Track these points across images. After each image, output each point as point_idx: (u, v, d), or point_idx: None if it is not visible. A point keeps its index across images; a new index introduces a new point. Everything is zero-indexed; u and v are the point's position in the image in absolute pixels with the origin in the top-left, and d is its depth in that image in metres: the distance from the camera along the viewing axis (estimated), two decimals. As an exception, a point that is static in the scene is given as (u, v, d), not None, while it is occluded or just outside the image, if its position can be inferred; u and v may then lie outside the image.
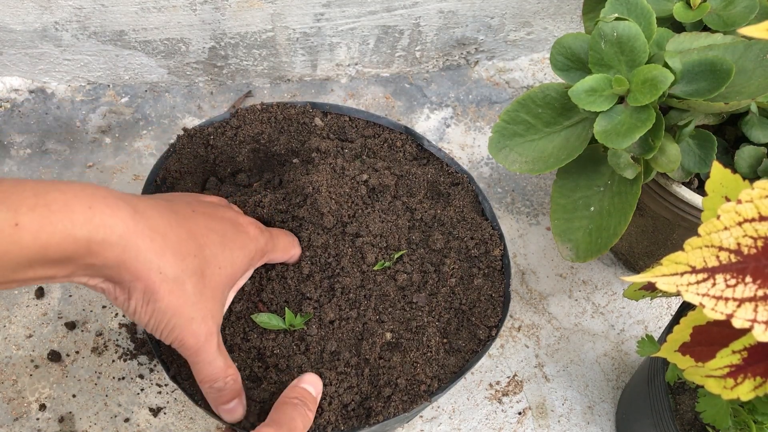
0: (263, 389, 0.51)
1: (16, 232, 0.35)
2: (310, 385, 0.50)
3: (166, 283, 0.42)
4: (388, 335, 0.54)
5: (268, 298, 0.54)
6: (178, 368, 0.51)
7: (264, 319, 0.53)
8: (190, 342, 0.44)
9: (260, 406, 0.50)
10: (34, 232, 0.36)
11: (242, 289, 0.54)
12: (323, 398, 0.51)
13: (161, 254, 0.41)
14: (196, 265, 0.44)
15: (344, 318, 0.54)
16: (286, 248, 0.54)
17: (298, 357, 0.52)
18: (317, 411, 0.50)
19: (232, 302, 0.54)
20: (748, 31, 0.29)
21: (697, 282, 0.30)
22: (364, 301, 0.55)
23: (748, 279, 0.29)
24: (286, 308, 0.53)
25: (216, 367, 0.46)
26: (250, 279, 0.54)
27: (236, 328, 0.53)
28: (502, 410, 0.69)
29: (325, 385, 0.51)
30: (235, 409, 0.48)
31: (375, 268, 0.56)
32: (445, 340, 0.55)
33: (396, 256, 0.57)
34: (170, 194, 0.51)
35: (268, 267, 0.55)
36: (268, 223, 0.57)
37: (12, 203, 0.35)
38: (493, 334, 0.55)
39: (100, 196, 0.39)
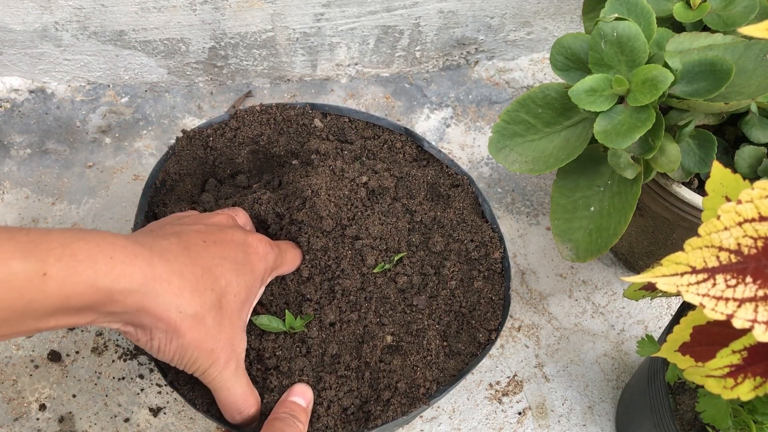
0: (265, 402, 0.51)
1: (43, 282, 0.36)
2: (299, 396, 0.50)
3: (187, 320, 0.44)
4: (389, 338, 0.54)
5: (267, 300, 0.54)
6: (176, 374, 0.51)
7: (264, 321, 0.53)
8: (211, 371, 0.46)
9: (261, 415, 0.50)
10: (60, 281, 0.37)
11: None
12: (322, 402, 0.51)
13: (179, 295, 0.43)
14: (213, 299, 0.46)
15: (345, 321, 0.54)
16: (294, 261, 0.54)
17: (300, 360, 0.52)
18: (315, 416, 0.50)
19: None
20: (748, 30, 0.29)
21: (698, 282, 0.30)
22: (364, 303, 0.55)
23: (749, 279, 0.29)
24: (286, 311, 0.53)
25: (236, 394, 0.48)
26: None
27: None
28: (502, 410, 0.69)
29: (324, 389, 0.51)
30: (251, 427, 0.51)
31: (375, 270, 0.56)
32: (445, 343, 0.55)
33: (396, 258, 0.57)
34: (179, 220, 0.51)
35: None
36: (266, 223, 0.57)
37: (40, 253, 0.36)
38: (493, 338, 0.55)
39: (120, 246, 0.40)
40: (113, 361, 0.67)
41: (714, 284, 0.30)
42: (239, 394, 0.48)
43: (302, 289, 0.54)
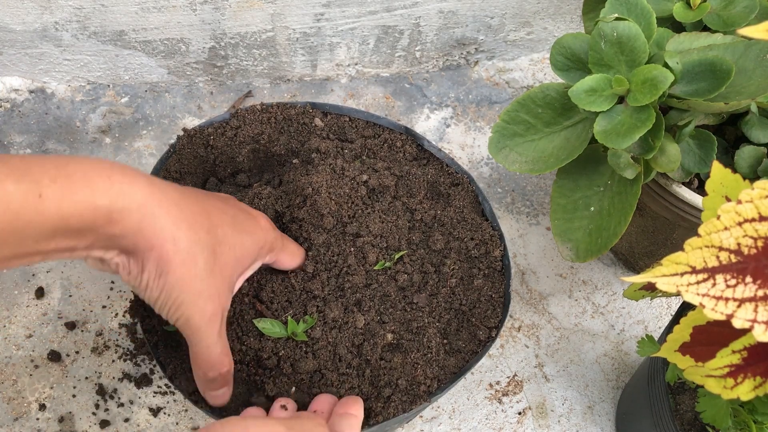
0: (265, 396, 0.51)
1: (40, 203, 0.36)
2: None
3: (179, 254, 0.42)
4: (390, 336, 0.54)
5: (268, 297, 0.54)
6: (175, 369, 0.51)
7: (266, 325, 0.52)
8: (195, 319, 0.45)
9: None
10: (57, 201, 0.37)
11: (239, 289, 0.54)
12: None
13: (177, 224, 0.42)
14: (208, 242, 0.44)
15: (347, 319, 0.54)
16: (294, 252, 0.54)
17: (303, 358, 0.52)
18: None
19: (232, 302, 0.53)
20: (747, 31, 0.29)
21: (697, 282, 0.30)
22: (368, 301, 0.55)
23: (749, 279, 0.30)
24: (289, 318, 0.53)
25: (213, 353, 0.46)
26: (247, 280, 0.54)
27: (236, 328, 0.53)
28: (502, 410, 0.69)
29: (326, 386, 0.51)
30: (223, 396, 0.49)
31: (375, 268, 0.56)
32: (445, 341, 0.55)
33: (396, 256, 0.57)
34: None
35: (269, 268, 0.55)
36: None
37: (35, 175, 0.37)
38: (493, 335, 0.55)
39: (118, 168, 0.40)
40: (113, 361, 0.67)
41: (714, 284, 0.30)
42: (217, 354, 0.47)
43: (309, 286, 0.54)
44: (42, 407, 0.64)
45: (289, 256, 0.53)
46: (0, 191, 0.35)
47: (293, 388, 0.51)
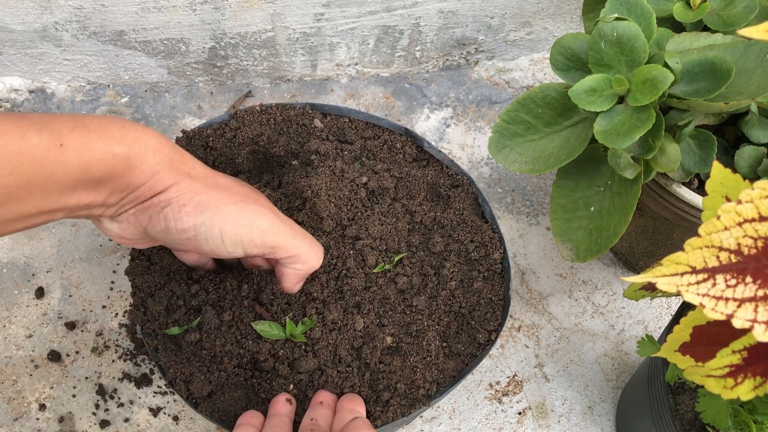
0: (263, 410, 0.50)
1: (61, 152, 0.38)
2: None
3: (202, 179, 0.44)
4: (389, 339, 0.54)
5: (268, 299, 0.53)
6: (175, 373, 0.51)
7: (264, 327, 0.52)
8: (258, 217, 0.46)
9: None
10: (78, 150, 0.38)
11: (239, 290, 0.53)
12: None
13: (191, 164, 0.45)
14: (223, 181, 0.46)
15: (347, 321, 0.54)
16: (312, 248, 0.50)
17: (302, 358, 0.52)
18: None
19: (226, 306, 0.53)
20: (747, 32, 0.29)
21: (698, 282, 0.30)
22: (367, 304, 0.54)
23: (749, 279, 0.29)
24: (287, 320, 0.53)
25: (304, 243, 0.48)
26: (246, 283, 0.54)
27: (234, 331, 0.53)
28: (502, 410, 0.69)
29: (327, 384, 0.51)
30: (300, 285, 0.51)
31: (375, 270, 0.56)
32: (444, 344, 0.55)
33: (396, 259, 0.57)
34: None
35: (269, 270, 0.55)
36: None
37: (54, 126, 0.38)
38: (493, 338, 0.55)
39: (130, 121, 0.42)
40: (113, 361, 0.67)
41: (714, 284, 0.30)
42: (302, 240, 0.48)
43: (308, 288, 0.54)
44: (42, 407, 0.64)
45: (308, 252, 0.51)
46: (23, 142, 0.36)
47: (291, 386, 0.51)
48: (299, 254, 0.48)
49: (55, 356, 0.67)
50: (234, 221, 0.44)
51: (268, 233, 0.46)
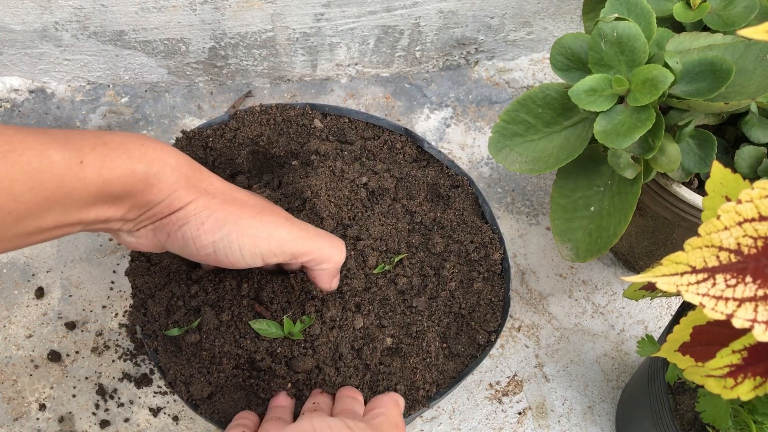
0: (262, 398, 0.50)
1: (81, 169, 0.38)
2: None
3: (219, 195, 0.45)
4: (389, 340, 0.53)
5: (269, 298, 0.53)
6: (175, 375, 0.50)
7: (262, 326, 0.52)
8: (276, 228, 0.46)
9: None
10: (98, 168, 0.39)
11: (238, 289, 0.53)
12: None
13: (208, 180, 0.45)
14: (241, 194, 0.47)
15: (346, 322, 0.54)
16: (333, 244, 0.50)
17: (300, 357, 0.52)
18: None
19: (225, 305, 0.53)
20: (747, 32, 0.29)
21: (697, 282, 0.30)
22: (367, 305, 0.54)
23: (748, 279, 0.29)
24: (285, 318, 0.52)
25: (323, 243, 0.48)
26: (246, 282, 0.53)
27: (233, 330, 0.53)
28: (502, 410, 0.69)
29: (325, 384, 0.51)
30: (336, 281, 0.52)
31: (375, 271, 0.56)
32: (444, 345, 0.55)
33: (396, 259, 0.57)
34: None
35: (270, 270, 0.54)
36: None
37: (75, 144, 0.39)
38: (493, 339, 0.55)
39: (149, 139, 0.43)
40: (113, 361, 0.67)
41: (714, 284, 0.30)
42: (327, 243, 0.49)
43: (308, 287, 0.53)
44: (42, 407, 0.64)
45: (327, 248, 0.51)
46: (45, 159, 0.37)
47: (289, 385, 0.51)
48: (321, 255, 0.49)
49: (55, 356, 0.67)
50: (252, 234, 0.45)
51: (286, 242, 0.47)
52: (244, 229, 0.45)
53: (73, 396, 0.65)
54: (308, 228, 0.49)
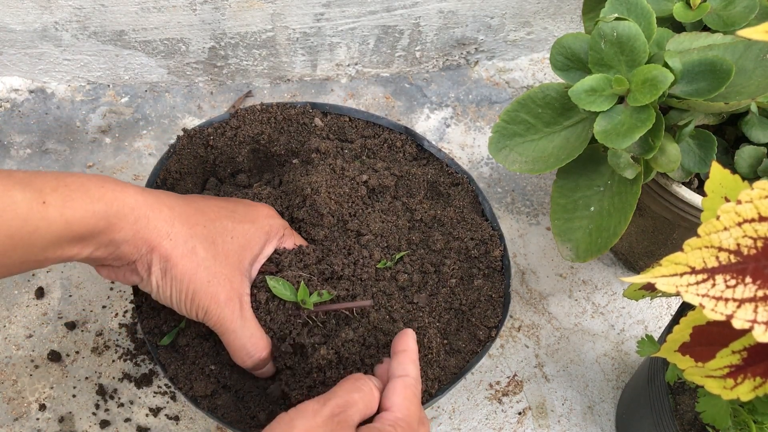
0: (275, 386, 0.50)
1: (44, 209, 0.40)
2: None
3: (178, 249, 0.45)
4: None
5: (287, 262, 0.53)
6: (176, 370, 0.51)
7: (276, 285, 0.50)
8: (212, 308, 0.46)
9: (270, 407, 0.50)
10: (59, 208, 0.40)
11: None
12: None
13: (170, 222, 0.45)
14: (205, 234, 0.47)
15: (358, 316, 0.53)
16: (303, 242, 0.55)
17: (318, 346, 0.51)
18: None
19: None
20: (747, 32, 0.28)
21: (697, 282, 0.30)
22: (379, 298, 0.54)
23: (748, 279, 0.29)
24: (301, 283, 0.51)
25: (243, 337, 0.48)
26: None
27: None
28: (502, 410, 0.69)
29: (327, 386, 0.51)
30: (267, 371, 0.51)
31: (377, 267, 0.56)
32: (445, 341, 0.55)
33: (397, 257, 0.57)
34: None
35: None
36: None
37: (37, 185, 0.40)
38: (493, 335, 0.55)
39: (110, 179, 0.44)
40: (113, 361, 0.67)
41: (713, 284, 0.30)
42: (247, 337, 0.48)
43: (330, 259, 0.54)
44: (42, 407, 0.64)
45: (300, 242, 0.55)
46: (8, 199, 0.38)
47: (297, 378, 0.50)
48: (225, 333, 0.49)
49: (55, 356, 0.67)
50: (201, 293, 0.46)
51: (217, 307, 0.47)
52: (201, 290, 0.46)
53: (73, 396, 0.65)
54: (247, 308, 0.49)
